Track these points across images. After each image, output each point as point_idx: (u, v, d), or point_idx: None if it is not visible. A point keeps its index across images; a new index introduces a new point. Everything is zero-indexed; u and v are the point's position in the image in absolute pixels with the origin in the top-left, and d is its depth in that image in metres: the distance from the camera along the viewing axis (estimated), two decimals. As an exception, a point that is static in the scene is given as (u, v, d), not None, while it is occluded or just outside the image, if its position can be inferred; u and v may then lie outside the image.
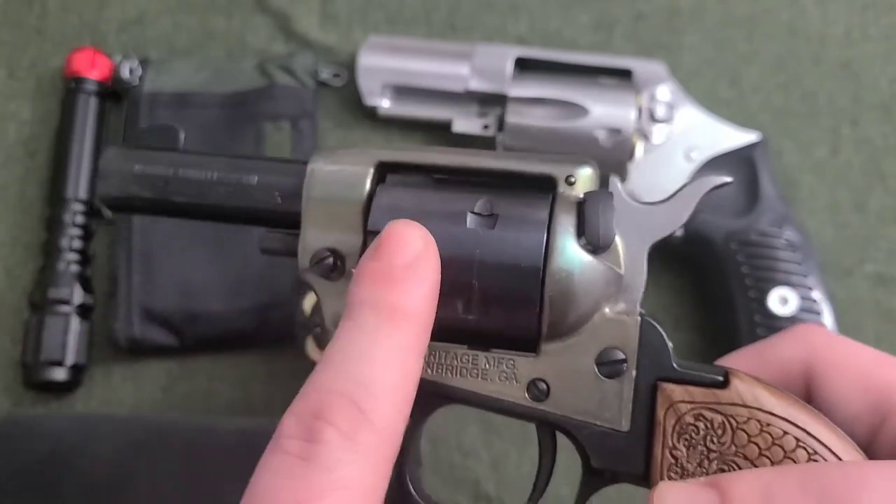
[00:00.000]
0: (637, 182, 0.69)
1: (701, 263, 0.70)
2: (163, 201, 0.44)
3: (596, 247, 0.40)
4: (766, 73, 0.76)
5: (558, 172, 0.41)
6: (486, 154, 0.43)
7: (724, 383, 0.39)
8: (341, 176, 0.42)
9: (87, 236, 0.72)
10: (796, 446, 0.37)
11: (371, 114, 0.75)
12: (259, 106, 0.74)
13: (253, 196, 0.43)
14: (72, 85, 0.74)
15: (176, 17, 0.78)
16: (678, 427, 0.38)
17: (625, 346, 0.40)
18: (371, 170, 0.42)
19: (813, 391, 0.41)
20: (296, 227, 0.42)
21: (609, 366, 0.39)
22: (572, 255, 0.39)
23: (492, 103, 0.72)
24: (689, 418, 0.38)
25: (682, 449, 0.38)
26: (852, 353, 0.41)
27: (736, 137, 0.71)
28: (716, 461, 0.38)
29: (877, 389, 0.39)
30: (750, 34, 0.77)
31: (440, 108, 0.74)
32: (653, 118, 0.70)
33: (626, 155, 0.69)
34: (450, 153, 0.43)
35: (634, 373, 0.39)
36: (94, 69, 0.75)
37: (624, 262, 0.40)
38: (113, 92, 0.76)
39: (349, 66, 0.76)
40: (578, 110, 0.69)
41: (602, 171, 0.42)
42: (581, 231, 0.39)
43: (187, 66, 0.75)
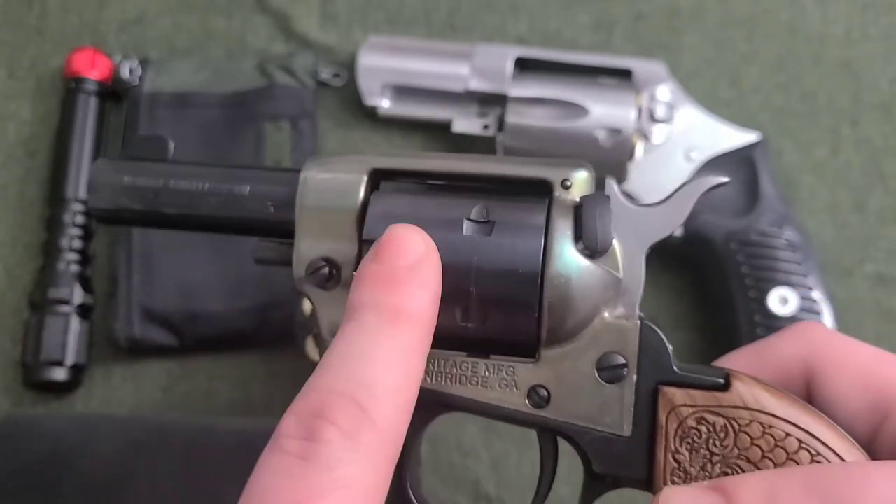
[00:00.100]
0: (637, 182, 0.69)
1: (701, 263, 0.70)
2: (153, 213, 0.44)
3: (594, 251, 0.39)
4: (766, 73, 0.76)
5: (554, 176, 0.40)
6: (481, 159, 0.42)
7: (726, 386, 0.38)
8: (335, 184, 0.41)
9: (87, 236, 0.72)
10: (799, 448, 0.37)
11: (371, 114, 0.75)
12: (259, 106, 0.74)
13: (245, 206, 0.43)
14: (72, 85, 0.74)
15: (176, 17, 0.78)
16: (680, 431, 0.38)
17: (625, 351, 0.39)
18: (365, 177, 0.41)
19: (813, 390, 0.40)
20: (290, 237, 0.42)
21: (609, 371, 0.39)
22: (570, 259, 0.39)
23: (492, 103, 0.72)
24: (691, 422, 0.38)
25: (685, 453, 0.38)
26: (852, 351, 0.41)
27: (736, 137, 0.71)
28: (719, 464, 0.38)
29: (877, 388, 0.39)
30: (750, 34, 0.77)
31: (440, 108, 0.74)
32: (653, 118, 0.70)
33: (626, 155, 0.69)
34: (444, 159, 0.42)
35: (635, 377, 0.39)
36: (94, 69, 0.74)
37: (622, 265, 0.40)
38: (113, 92, 0.76)
39: (349, 66, 0.76)
40: (578, 110, 0.69)
41: (600, 173, 0.42)
42: (578, 235, 0.39)
43: (187, 66, 0.75)
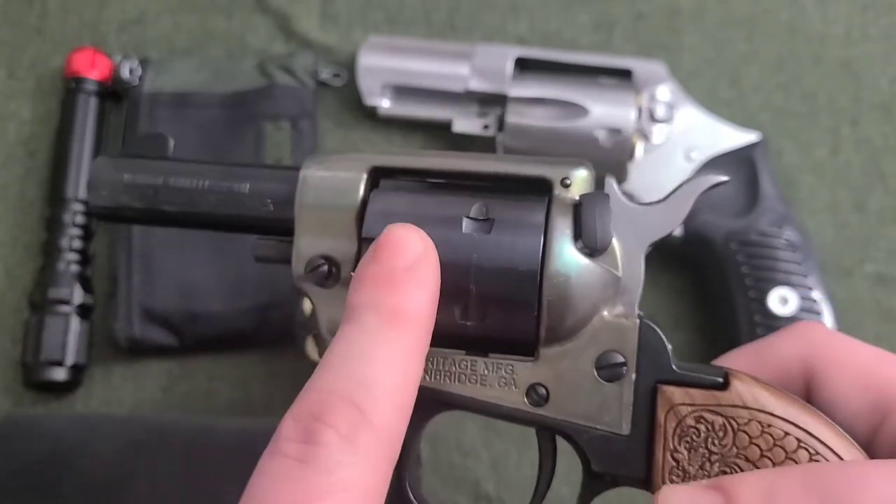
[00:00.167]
0: (637, 182, 0.69)
1: (701, 263, 0.70)
2: (153, 211, 0.44)
3: (593, 250, 0.39)
4: (766, 73, 0.76)
5: (553, 175, 0.40)
6: (481, 157, 0.42)
7: (724, 385, 0.38)
8: (334, 182, 0.41)
9: (87, 236, 0.72)
10: (798, 447, 0.37)
11: (371, 114, 0.75)
12: (259, 106, 0.74)
13: (245, 204, 0.43)
14: (72, 85, 0.74)
15: (176, 17, 0.78)
16: (679, 430, 0.38)
17: (624, 349, 0.39)
18: (364, 175, 0.41)
19: (812, 389, 0.40)
20: (289, 235, 0.42)
21: (608, 369, 0.39)
22: (569, 258, 0.39)
23: (492, 103, 0.72)
24: (689, 421, 0.38)
25: (684, 451, 0.38)
26: (852, 350, 0.41)
27: (736, 137, 0.71)
28: (717, 463, 0.38)
29: (877, 387, 0.39)
30: (750, 34, 0.77)
31: (440, 108, 0.74)
32: (653, 118, 0.70)
33: (626, 155, 0.69)
34: (444, 157, 0.42)
35: (634, 376, 0.39)
36: (94, 69, 0.74)
37: (621, 264, 0.40)
38: (113, 92, 0.76)
39: (349, 66, 0.76)
40: (578, 110, 0.69)
41: (600, 172, 0.42)
42: (578, 234, 0.39)
43: (187, 66, 0.75)
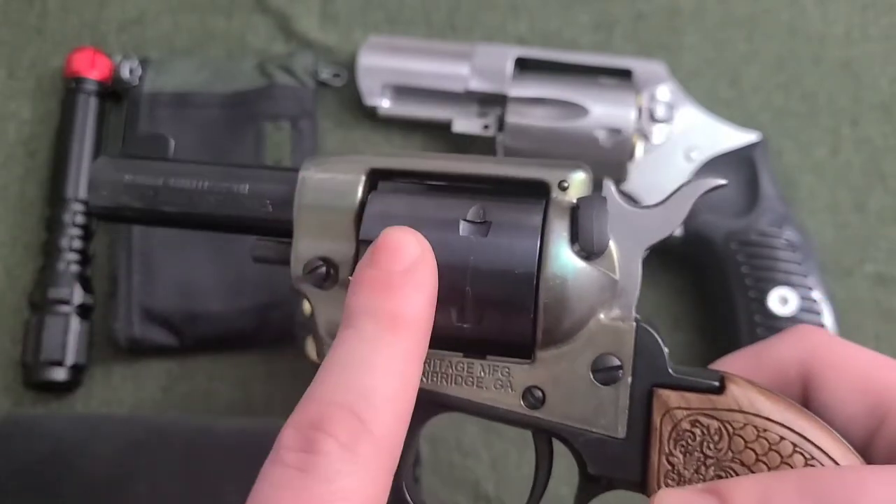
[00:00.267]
0: (637, 182, 0.69)
1: (701, 263, 0.70)
2: (153, 211, 0.44)
3: (590, 253, 0.39)
4: (766, 73, 0.76)
5: (551, 178, 0.40)
6: (479, 159, 0.42)
7: (720, 388, 0.38)
8: (333, 184, 0.41)
9: (87, 236, 0.72)
10: (793, 451, 0.37)
11: (371, 114, 0.75)
12: (259, 106, 0.74)
13: (244, 205, 0.43)
14: (72, 85, 0.74)
15: (176, 17, 0.78)
16: (674, 433, 0.38)
17: (620, 353, 0.39)
18: (363, 177, 0.41)
19: (810, 393, 0.40)
20: (288, 236, 0.42)
21: (604, 372, 0.39)
22: (566, 261, 0.39)
23: (492, 103, 0.72)
24: (685, 424, 0.38)
25: (679, 455, 0.38)
26: (850, 354, 0.41)
27: (736, 137, 0.71)
28: (713, 467, 0.38)
29: (874, 392, 0.39)
30: (750, 34, 0.77)
31: (440, 108, 0.74)
32: (653, 118, 0.70)
33: (626, 155, 0.69)
34: (442, 159, 0.42)
35: (630, 379, 0.39)
36: (94, 69, 0.74)
37: (619, 267, 0.40)
38: (113, 92, 0.76)
39: (349, 66, 0.76)
40: (578, 110, 0.69)
41: (600, 173, 0.42)
42: (574, 237, 0.39)
43: (187, 66, 0.75)
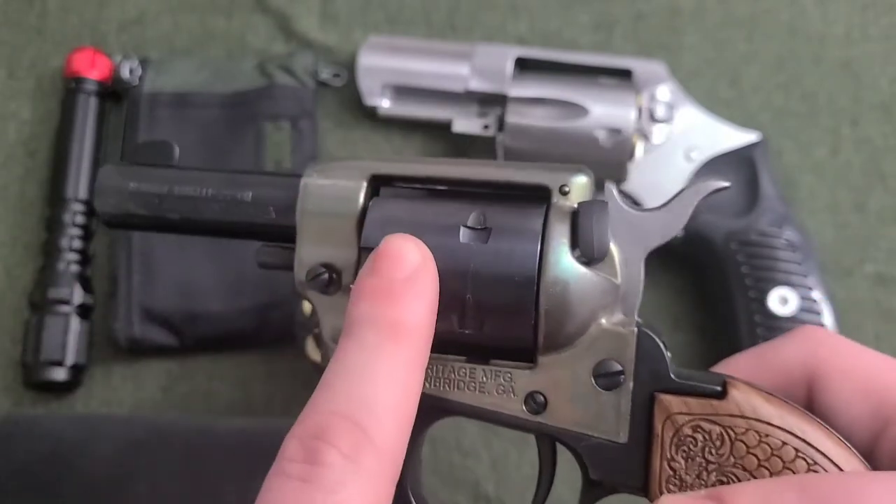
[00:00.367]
0: (637, 182, 0.69)
1: (701, 263, 0.70)
2: (158, 218, 0.44)
3: (590, 258, 0.39)
4: (766, 73, 0.76)
5: (552, 182, 0.40)
6: (481, 164, 0.42)
7: (722, 394, 0.38)
8: (334, 190, 0.42)
9: (87, 236, 0.72)
10: (795, 457, 0.37)
11: (371, 114, 0.75)
12: (259, 106, 0.74)
13: (247, 211, 0.43)
14: (72, 85, 0.74)
15: (176, 17, 0.78)
16: (676, 439, 0.38)
17: (622, 358, 0.39)
18: (364, 183, 0.41)
19: (815, 395, 0.40)
20: (292, 241, 0.42)
21: (606, 378, 0.39)
22: (567, 267, 0.39)
23: (492, 103, 0.72)
24: (687, 430, 0.38)
25: (681, 461, 0.38)
26: (855, 356, 0.40)
27: (736, 137, 0.71)
28: (714, 473, 0.38)
29: (879, 394, 0.39)
30: (750, 34, 0.77)
31: (440, 108, 0.74)
32: (653, 118, 0.70)
33: (626, 155, 0.69)
34: (443, 164, 0.42)
35: (631, 385, 0.39)
36: (94, 69, 0.74)
37: (620, 271, 0.40)
38: (113, 92, 0.75)
39: (349, 66, 0.76)
40: (578, 110, 0.69)
41: (600, 173, 0.42)
42: (575, 243, 0.39)
43: (187, 66, 0.75)
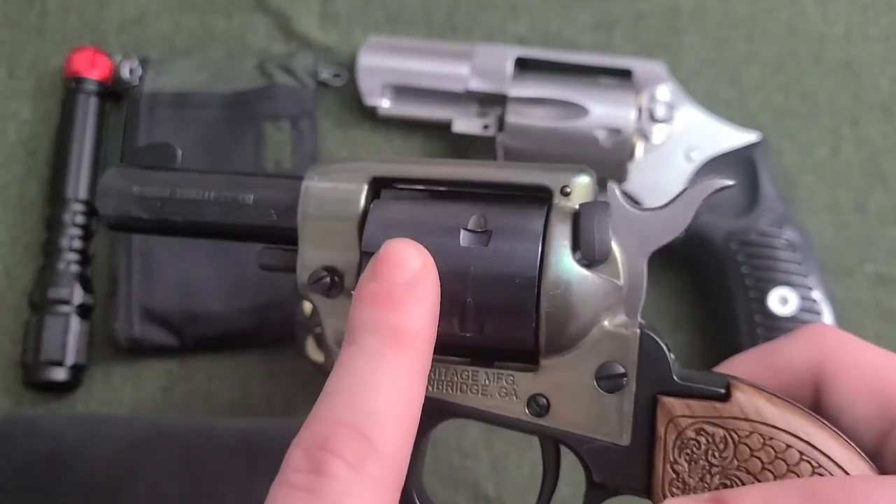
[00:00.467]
0: (637, 182, 0.69)
1: (701, 263, 0.70)
2: (161, 221, 0.44)
3: (591, 260, 0.39)
4: (766, 73, 0.76)
5: (553, 183, 0.40)
6: (481, 164, 0.42)
7: (726, 396, 0.38)
8: (335, 193, 0.41)
9: (87, 236, 0.72)
10: (800, 460, 0.37)
11: (371, 114, 0.75)
12: (259, 106, 0.74)
13: (249, 214, 0.43)
14: (72, 85, 0.74)
15: (176, 17, 0.78)
16: (679, 442, 0.38)
17: (624, 360, 0.39)
18: (365, 186, 0.41)
19: (822, 395, 0.40)
20: (294, 244, 0.42)
21: (608, 380, 0.39)
22: (568, 269, 0.39)
23: (492, 103, 0.72)
24: (690, 433, 0.38)
25: (684, 463, 0.38)
26: (862, 354, 0.40)
27: (736, 137, 0.71)
28: (718, 476, 0.37)
29: (885, 393, 0.38)
30: (750, 34, 0.77)
31: (440, 108, 0.74)
32: (653, 118, 0.70)
33: (626, 155, 0.69)
34: (444, 165, 0.42)
35: (634, 387, 0.39)
36: (94, 69, 0.74)
37: (623, 272, 0.40)
38: (113, 92, 0.75)
39: (349, 66, 0.76)
40: (578, 110, 0.69)
41: (600, 173, 0.41)
42: (576, 244, 0.39)
43: (187, 66, 0.75)
